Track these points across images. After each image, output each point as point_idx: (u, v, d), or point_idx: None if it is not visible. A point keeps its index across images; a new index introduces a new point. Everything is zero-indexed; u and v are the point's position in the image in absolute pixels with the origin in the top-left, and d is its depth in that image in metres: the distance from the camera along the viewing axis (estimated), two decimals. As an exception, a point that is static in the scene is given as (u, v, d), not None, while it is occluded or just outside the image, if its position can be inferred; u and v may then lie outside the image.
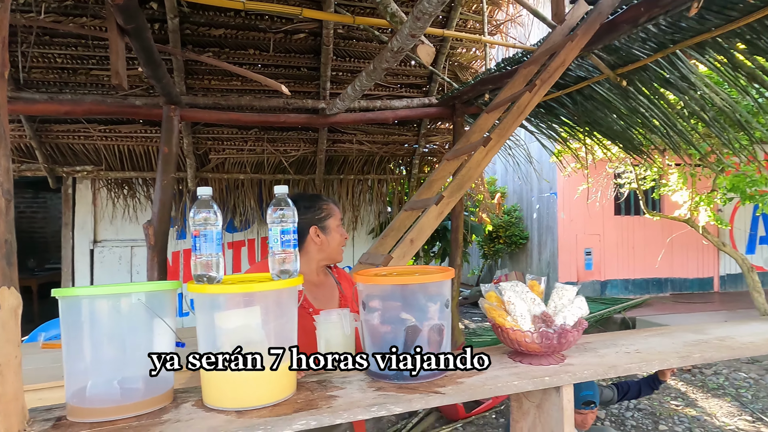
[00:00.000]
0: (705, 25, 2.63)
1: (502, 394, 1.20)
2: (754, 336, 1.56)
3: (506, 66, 3.68)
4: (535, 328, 1.32)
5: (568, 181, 7.32)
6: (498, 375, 1.24)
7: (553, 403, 1.30)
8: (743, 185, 3.84)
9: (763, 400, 3.79)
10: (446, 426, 3.48)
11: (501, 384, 1.19)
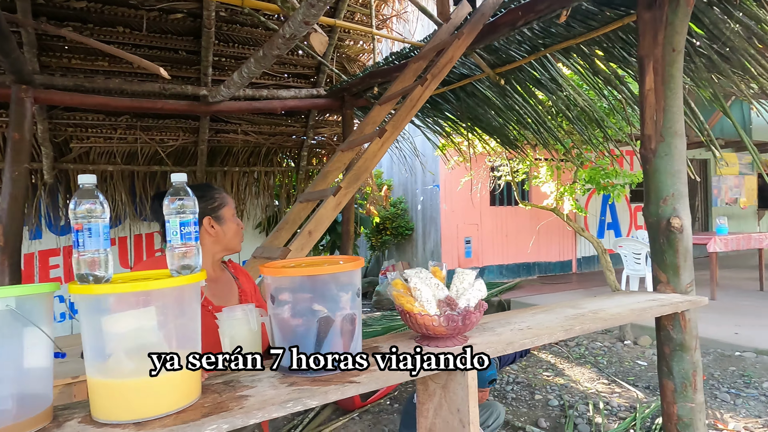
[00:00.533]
0: (571, 32, 2.91)
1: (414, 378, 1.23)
2: (620, 308, 1.78)
3: (395, 60, 3.76)
4: (440, 312, 1.37)
5: (449, 173, 7.73)
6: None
7: (458, 383, 1.35)
8: (599, 177, 4.37)
9: (615, 365, 4.35)
10: (343, 417, 3.49)
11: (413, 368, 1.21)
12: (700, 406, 2.04)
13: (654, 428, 3.03)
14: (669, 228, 1.99)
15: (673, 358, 2.03)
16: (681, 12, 1.95)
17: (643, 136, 2.09)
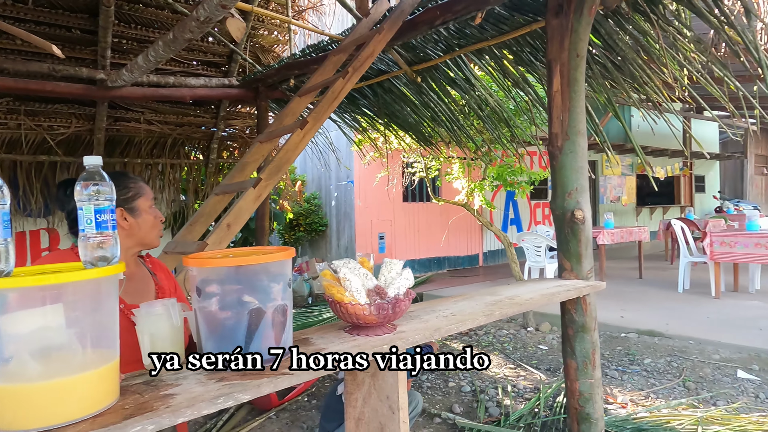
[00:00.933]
0: (484, 35, 3.06)
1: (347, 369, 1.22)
2: (532, 293, 1.91)
3: (312, 53, 3.71)
4: (370, 301, 1.38)
5: (364, 169, 7.78)
6: (342, 350, 1.26)
7: (388, 371, 1.37)
8: (506, 174, 4.64)
9: (520, 350, 4.65)
10: (259, 417, 3.40)
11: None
12: (598, 382, 2.24)
13: (555, 406, 3.28)
14: (573, 219, 2.17)
15: (575, 339, 2.21)
16: (584, 20, 2.12)
17: (550, 135, 2.25)
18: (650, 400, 3.39)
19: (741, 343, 4.19)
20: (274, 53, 4.94)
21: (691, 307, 5.47)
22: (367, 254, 1.58)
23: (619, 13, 2.55)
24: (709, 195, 15.94)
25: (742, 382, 3.57)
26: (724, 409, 3.10)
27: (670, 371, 3.88)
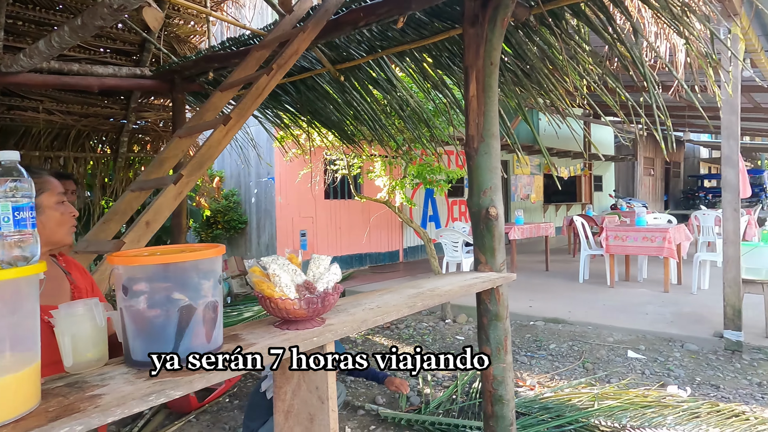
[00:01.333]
0: (405, 38, 3.17)
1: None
2: (451, 285, 2.03)
3: (232, 46, 3.63)
4: (300, 296, 1.41)
5: (285, 166, 7.69)
6: (273, 344, 1.29)
7: (317, 362, 1.42)
8: (425, 173, 4.82)
9: (438, 342, 4.86)
10: (178, 421, 3.29)
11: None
12: (510, 366, 2.43)
13: (471, 392, 3.48)
14: (488, 216, 2.33)
15: (490, 327, 2.38)
16: (497, 31, 2.28)
17: (467, 137, 2.39)
18: (555, 382, 3.70)
19: (631, 326, 4.68)
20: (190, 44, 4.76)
21: (590, 295, 6.01)
22: (295, 251, 1.62)
23: (528, 25, 2.76)
24: (606, 193, 17.44)
25: (632, 361, 3.99)
26: (616, 386, 3.46)
27: (571, 354, 4.25)
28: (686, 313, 5.01)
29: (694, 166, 27.17)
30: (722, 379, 3.58)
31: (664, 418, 2.88)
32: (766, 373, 3.65)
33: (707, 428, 2.76)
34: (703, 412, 2.94)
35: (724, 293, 4.08)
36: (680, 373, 3.71)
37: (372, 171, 5.26)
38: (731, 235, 4.02)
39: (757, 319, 4.41)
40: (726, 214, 4.09)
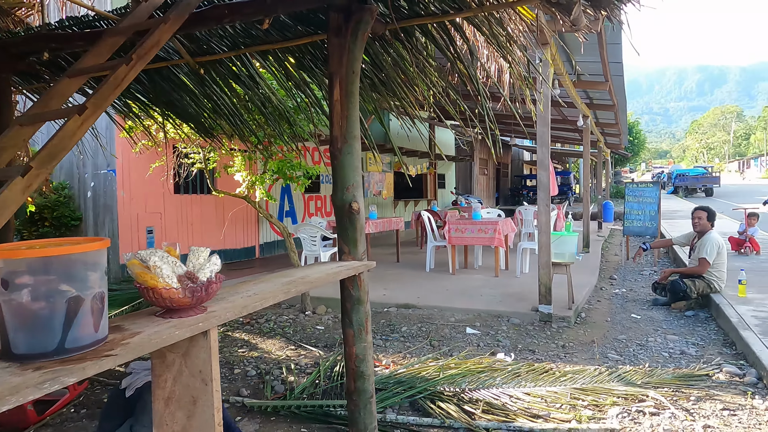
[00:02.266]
0: (269, 38, 3.26)
1: (169, 343, 1.33)
2: (319, 273, 2.23)
3: (74, 26, 3.35)
4: (183, 286, 1.49)
5: (131, 158, 7.11)
6: (158, 331, 1.36)
7: (201, 347, 1.51)
8: (285, 169, 4.92)
9: (299, 333, 5.02)
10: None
11: (165, 336, 1.32)
12: (370, 345, 2.71)
13: (333, 375, 3.72)
14: (351, 210, 2.57)
15: (353, 311, 2.63)
16: (359, 43, 2.52)
17: (332, 137, 2.60)
18: (406, 359, 4.12)
19: (469, 307, 5.36)
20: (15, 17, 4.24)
21: (436, 282, 6.68)
22: (173, 243, 1.67)
23: (384, 38, 3.07)
24: (448, 191, 19.14)
25: (470, 336, 4.61)
26: (457, 357, 3.99)
27: (420, 335, 4.74)
28: (511, 293, 5.88)
29: (519, 168, 31.09)
30: (537, 344, 4.33)
31: (494, 379, 3.43)
32: (567, 337, 4.51)
33: (525, 384, 3.37)
34: (523, 372, 3.57)
35: (539, 274, 4.92)
36: (506, 342, 4.40)
37: (231, 166, 5.19)
38: (544, 226, 4.86)
39: (562, 294, 5.38)
40: (540, 209, 4.93)
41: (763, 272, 6.51)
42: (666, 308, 5.40)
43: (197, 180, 8.44)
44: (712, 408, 2.97)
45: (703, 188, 28.88)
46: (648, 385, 3.27)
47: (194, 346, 1.52)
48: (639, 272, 7.76)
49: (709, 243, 5.30)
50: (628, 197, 8.68)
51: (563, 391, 3.22)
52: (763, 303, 4.99)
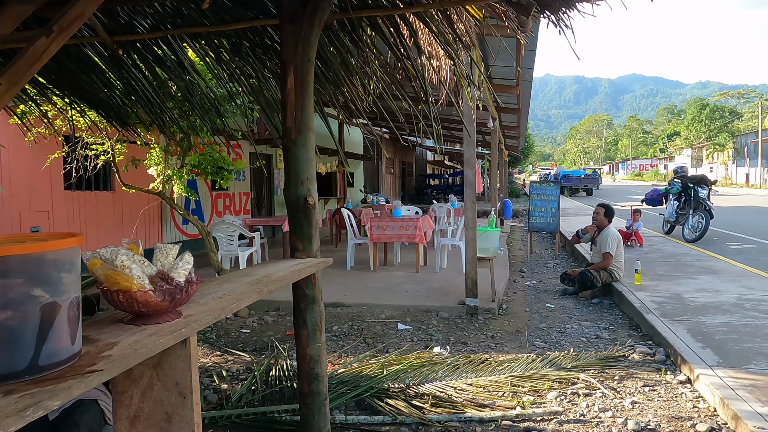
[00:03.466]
0: (203, 20, 3.01)
1: (154, 353, 1.16)
2: (283, 271, 2.10)
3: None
4: (157, 288, 1.31)
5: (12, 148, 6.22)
6: (138, 340, 1.18)
7: (177, 356, 1.34)
8: (207, 163, 4.59)
9: (224, 337, 4.72)
10: None
11: (150, 345, 1.14)
12: (324, 345, 2.60)
13: (270, 380, 3.54)
14: (306, 205, 2.45)
15: (306, 310, 2.51)
16: (315, 31, 2.41)
17: (284, 129, 2.46)
18: (343, 359, 4.04)
19: (397, 303, 5.40)
20: None
21: (359, 280, 6.65)
22: (135, 240, 1.47)
23: (331, 28, 2.97)
24: (357, 189, 19.20)
25: (402, 332, 4.64)
26: (396, 354, 3.99)
27: (352, 333, 4.68)
28: (435, 288, 6.03)
29: (423, 167, 32.08)
30: (468, 336, 4.48)
31: (436, 373, 3.48)
32: (494, 328, 4.71)
33: (467, 375, 3.46)
34: (462, 364, 3.66)
35: (466, 269, 5.09)
36: (439, 336, 4.50)
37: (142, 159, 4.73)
38: (471, 222, 5.04)
39: (485, 288, 5.61)
40: (467, 205, 5.10)
41: (649, 262, 7.31)
42: (574, 297, 5.86)
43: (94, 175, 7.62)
44: (635, 385, 3.26)
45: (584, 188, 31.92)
46: (577, 368, 3.52)
47: (169, 356, 1.35)
48: (544, 265, 8.35)
49: (610, 238, 5.83)
50: (533, 195, 9.30)
51: (503, 379, 3.35)
52: (656, 289, 5.60)
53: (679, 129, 69.10)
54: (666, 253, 8.36)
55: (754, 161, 39.60)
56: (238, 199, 11.74)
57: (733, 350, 3.62)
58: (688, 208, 9.76)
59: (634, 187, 42.36)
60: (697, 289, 5.58)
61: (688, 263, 7.37)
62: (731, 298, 5.15)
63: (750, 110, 54.08)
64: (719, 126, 53.53)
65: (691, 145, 56.62)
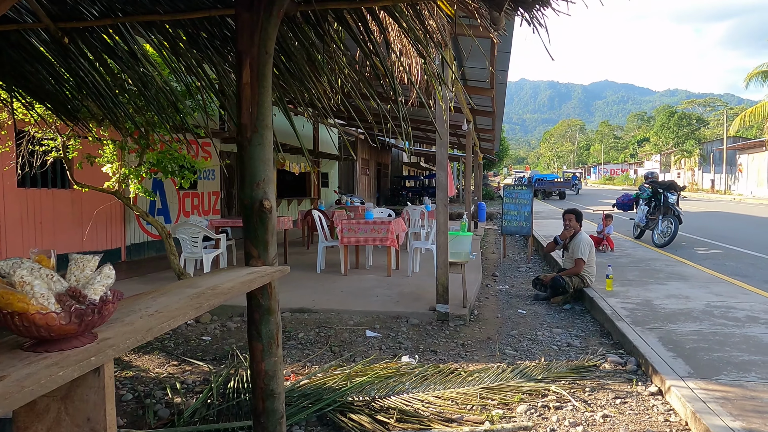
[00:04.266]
0: (156, 7, 2.80)
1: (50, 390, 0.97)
2: (231, 282, 1.91)
3: None
4: (65, 308, 1.12)
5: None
6: (31, 373, 0.99)
7: (89, 387, 1.16)
8: (167, 161, 4.35)
9: (182, 345, 4.48)
10: None
11: (44, 380, 0.96)
12: (281, 359, 2.43)
13: (228, 392, 3.34)
14: (262, 209, 2.27)
15: (261, 322, 2.32)
16: (273, 20, 2.24)
17: (240, 125, 2.28)
18: (307, 369, 3.86)
19: (366, 309, 5.23)
20: None
21: (329, 284, 6.46)
22: (46, 251, 1.28)
23: (294, 20, 2.79)
24: (331, 189, 18.97)
25: (370, 340, 4.48)
26: (362, 363, 3.83)
27: (319, 341, 4.49)
28: (406, 293, 5.89)
29: (399, 168, 32.00)
30: (438, 344, 4.34)
31: (404, 384, 3.33)
32: (465, 335, 4.59)
33: (435, 386, 3.32)
34: (430, 374, 3.52)
35: (437, 274, 4.96)
36: (408, 344, 4.35)
37: (97, 156, 4.45)
38: (442, 226, 4.91)
39: (456, 293, 5.50)
40: (438, 208, 4.98)
41: (620, 267, 7.32)
42: (546, 303, 5.80)
43: (50, 172, 7.24)
44: (606, 398, 3.17)
45: (557, 192, 32.34)
46: (548, 378, 3.41)
47: (80, 386, 1.16)
48: (516, 269, 8.30)
49: (582, 243, 5.79)
50: (506, 199, 9.26)
51: (472, 391, 3.22)
52: (627, 295, 5.58)
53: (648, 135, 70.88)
54: (636, 258, 8.41)
55: (719, 167, 40.83)
56: (207, 199, 11.38)
57: (703, 360, 3.58)
58: (657, 213, 9.87)
59: (605, 191, 43.19)
60: (667, 296, 5.58)
61: (657, 268, 7.41)
62: (700, 304, 5.15)
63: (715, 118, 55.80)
64: (686, 133, 55.10)
65: (660, 151, 58.09)
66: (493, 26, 2.65)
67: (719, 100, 70.60)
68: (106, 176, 5.02)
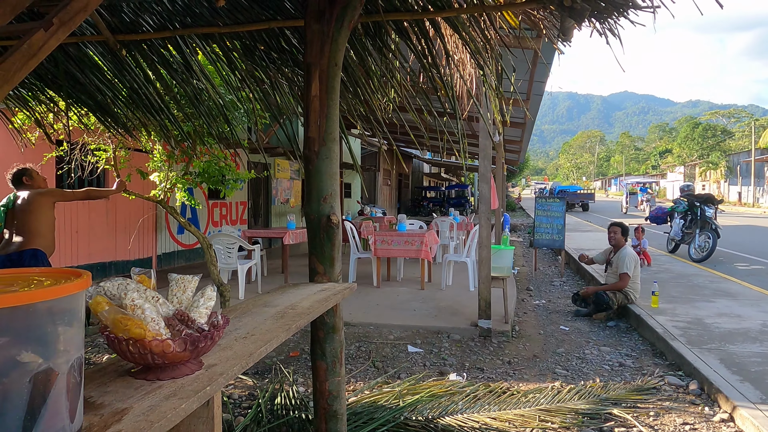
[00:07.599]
0: (216, 19, 2.79)
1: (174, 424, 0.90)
2: (307, 301, 1.84)
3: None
4: (173, 333, 1.06)
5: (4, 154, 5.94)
6: (155, 405, 0.92)
7: (198, 417, 1.09)
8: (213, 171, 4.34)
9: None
10: None
11: (169, 414, 0.89)
12: (344, 378, 2.35)
13: (276, 409, 3.27)
14: (329, 224, 2.21)
15: (326, 340, 2.26)
16: (344, 32, 2.19)
17: (307, 139, 2.23)
18: (352, 384, 3.77)
19: (405, 323, 5.14)
20: None
21: (363, 296, 6.38)
22: (147, 270, 1.23)
23: (355, 32, 2.75)
24: (354, 200, 18.97)
25: (413, 355, 4.38)
26: (408, 381, 3.72)
27: (360, 355, 4.41)
28: (444, 307, 5.77)
29: (419, 179, 31.92)
30: (484, 362, 4.22)
31: (456, 404, 3.22)
32: (510, 352, 4.46)
33: (489, 407, 3.20)
34: (482, 394, 3.40)
35: (479, 288, 4.84)
36: (453, 360, 4.24)
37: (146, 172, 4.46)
38: (485, 240, 4.81)
39: (497, 308, 5.37)
40: (481, 222, 4.87)
41: (661, 283, 7.07)
42: (588, 319, 5.63)
43: (87, 181, 7.33)
44: (673, 423, 3.02)
45: (581, 203, 31.82)
46: (607, 401, 3.27)
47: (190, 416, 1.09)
48: (550, 283, 8.12)
49: (627, 258, 5.62)
50: (538, 211, 9.10)
51: (530, 413, 3.10)
52: (675, 312, 5.38)
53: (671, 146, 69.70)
54: (675, 273, 8.16)
55: (746, 179, 39.88)
56: (235, 209, 11.45)
57: (771, 384, 3.40)
58: (694, 227, 9.60)
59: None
60: (718, 314, 5.37)
61: (701, 285, 7.17)
62: (756, 324, 4.94)
63: (740, 129, 54.60)
64: (711, 144, 54.01)
65: (684, 163, 57.03)
66: (562, 37, 2.57)
67: (744, 111, 69.13)
68: (146, 186, 5.04)
